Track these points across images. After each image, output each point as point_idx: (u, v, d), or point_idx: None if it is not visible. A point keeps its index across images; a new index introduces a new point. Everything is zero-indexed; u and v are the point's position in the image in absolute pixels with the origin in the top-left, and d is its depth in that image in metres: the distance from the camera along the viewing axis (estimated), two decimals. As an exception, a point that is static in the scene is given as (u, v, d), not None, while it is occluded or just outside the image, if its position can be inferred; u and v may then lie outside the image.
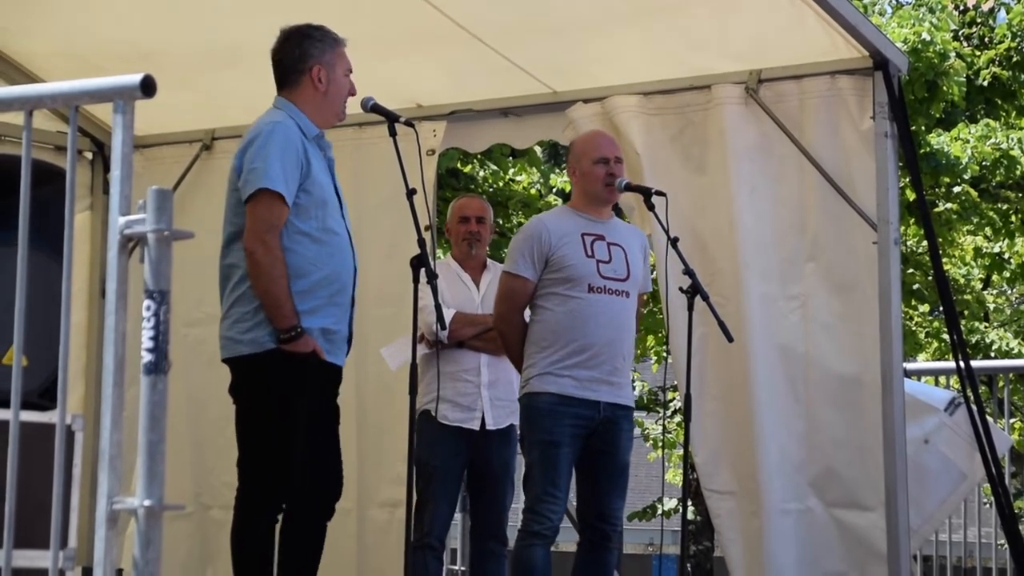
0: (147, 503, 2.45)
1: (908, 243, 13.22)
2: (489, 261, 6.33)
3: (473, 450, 6.05)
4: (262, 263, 4.69)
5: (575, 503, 5.60)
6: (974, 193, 13.08)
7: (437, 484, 5.97)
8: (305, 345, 4.73)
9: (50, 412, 3.30)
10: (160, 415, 2.47)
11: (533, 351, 5.44)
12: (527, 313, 5.56)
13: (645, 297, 5.80)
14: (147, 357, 2.48)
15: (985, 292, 15.32)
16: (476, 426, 6.04)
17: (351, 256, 4.93)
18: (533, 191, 13.22)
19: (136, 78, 2.57)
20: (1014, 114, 13.74)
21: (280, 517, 4.87)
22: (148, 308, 2.49)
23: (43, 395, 3.56)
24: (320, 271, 4.80)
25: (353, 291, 4.95)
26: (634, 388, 15.33)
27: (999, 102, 13.67)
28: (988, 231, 13.73)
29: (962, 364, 6.14)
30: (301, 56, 4.93)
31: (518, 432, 6.14)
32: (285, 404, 4.77)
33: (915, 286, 13.26)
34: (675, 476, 16.71)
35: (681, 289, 5.59)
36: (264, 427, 4.78)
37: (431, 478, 5.96)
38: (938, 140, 12.60)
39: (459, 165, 12.12)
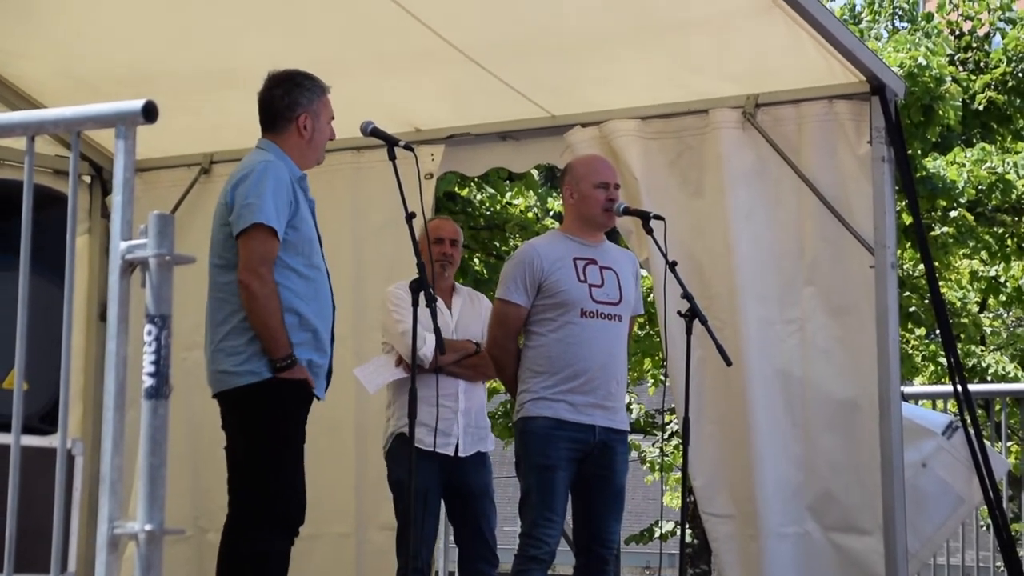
0: (148, 527, 2.45)
1: (905, 267, 13.25)
2: (457, 284, 6.30)
3: (448, 475, 6.01)
4: (259, 295, 4.77)
5: (572, 526, 5.60)
6: (970, 217, 13.10)
7: (421, 508, 5.94)
8: (300, 372, 4.82)
9: (50, 436, 3.30)
10: (161, 439, 2.47)
11: (527, 376, 5.44)
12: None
13: (639, 320, 5.81)
14: (148, 381, 2.48)
15: (981, 316, 15.33)
16: (451, 452, 6.00)
17: (331, 293, 5.03)
18: (530, 214, 13.24)
19: (138, 104, 2.58)
20: (1010, 138, 13.78)
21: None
22: (149, 333, 2.49)
23: (43, 419, 3.56)
24: (307, 306, 4.89)
25: (332, 327, 5.03)
26: (631, 411, 15.36)
27: (995, 126, 13.71)
28: (984, 255, 13.75)
29: (959, 388, 6.14)
30: (290, 104, 5.01)
31: (488, 456, 6.14)
32: (284, 430, 4.86)
33: (912, 309, 13.27)
34: (673, 499, 16.69)
35: (679, 313, 5.59)
36: (268, 455, 4.83)
37: (415, 502, 5.93)
38: (934, 164, 12.63)
39: (456, 189, 12.13)
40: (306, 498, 5.02)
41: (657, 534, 15.52)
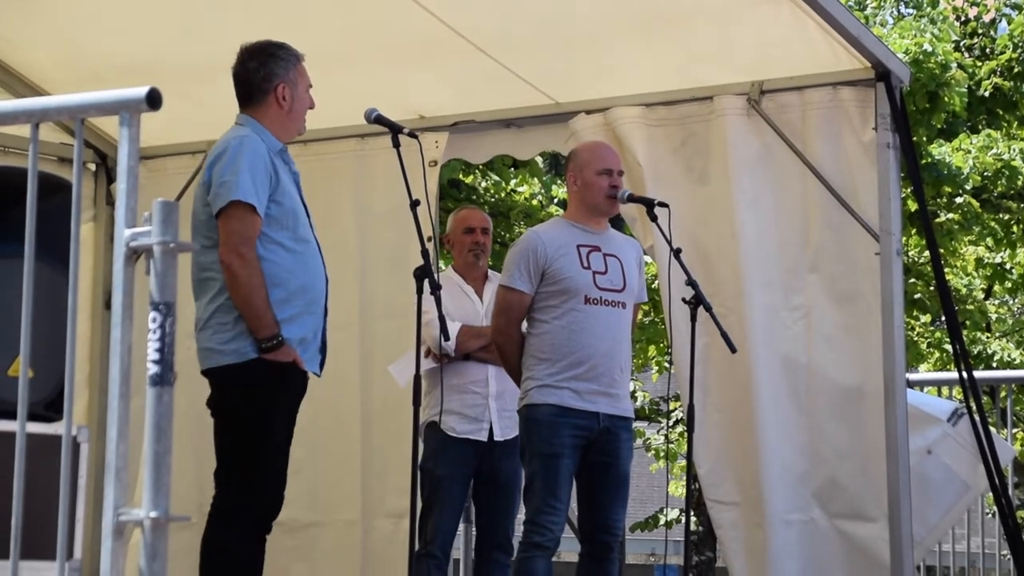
0: (153, 514, 2.46)
1: (910, 253, 13.23)
2: (490, 272, 6.33)
3: (481, 461, 6.05)
4: (240, 275, 4.71)
5: (576, 514, 5.60)
6: (976, 203, 13.08)
7: (442, 494, 5.97)
8: (286, 354, 4.74)
9: (55, 424, 3.31)
10: (166, 426, 2.48)
11: (531, 363, 5.44)
12: (524, 325, 5.56)
13: (644, 307, 5.80)
14: (153, 369, 2.49)
15: (987, 302, 15.31)
16: (484, 437, 6.04)
17: (323, 266, 4.95)
18: (535, 202, 13.23)
19: (142, 91, 2.58)
20: (1015, 124, 13.75)
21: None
22: (154, 320, 2.49)
23: (48, 406, 3.56)
24: (296, 280, 4.83)
25: (326, 301, 4.96)
26: (635, 399, 15.35)
27: (1000, 112, 13.67)
28: (990, 241, 13.73)
29: (965, 374, 6.14)
30: (266, 76, 4.96)
31: None
32: (267, 414, 4.78)
33: (917, 296, 13.26)
34: (677, 487, 16.70)
35: (684, 300, 5.59)
36: (248, 437, 4.78)
37: (436, 488, 5.96)
38: (940, 151, 12.61)
39: (461, 176, 12.13)
40: (283, 489, 4.90)
41: (662, 521, 15.52)
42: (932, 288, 12.92)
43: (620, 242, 5.63)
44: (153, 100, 2.58)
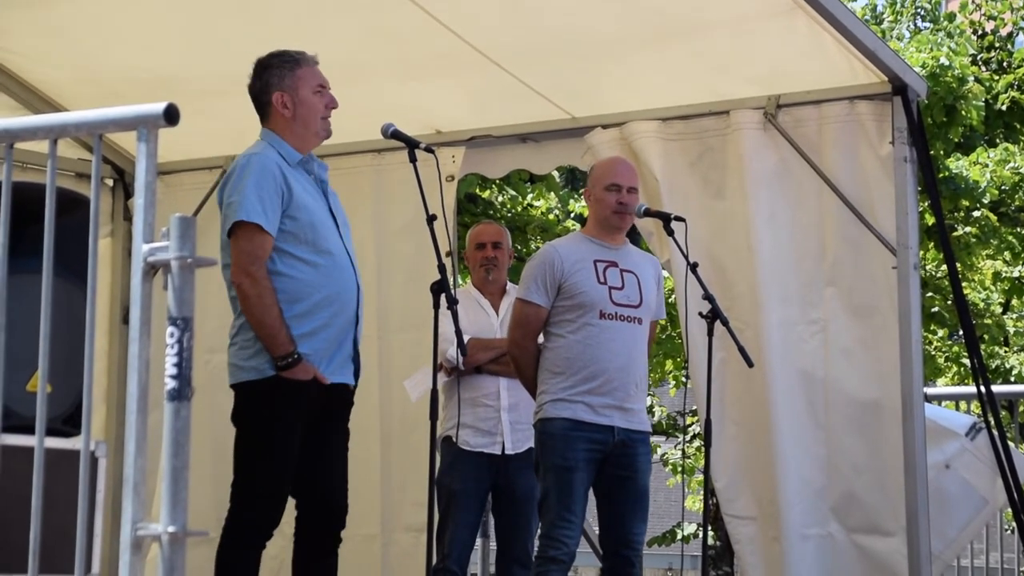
0: (171, 529, 2.46)
1: (927, 267, 13.21)
2: (509, 285, 6.33)
3: (496, 475, 6.05)
4: (250, 294, 4.71)
5: (596, 530, 5.59)
6: (993, 217, 13.06)
7: (458, 509, 5.97)
8: (304, 372, 4.73)
9: (74, 439, 3.31)
10: (184, 441, 2.48)
11: (546, 377, 5.44)
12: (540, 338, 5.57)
13: (661, 322, 5.79)
14: (170, 384, 2.49)
15: (1005, 316, 15.28)
16: (498, 451, 6.04)
17: (351, 275, 4.92)
18: (551, 216, 13.24)
19: (160, 107, 2.59)
20: (1033, 138, 13.73)
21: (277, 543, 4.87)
22: (172, 335, 2.50)
23: (67, 421, 3.57)
24: (319, 293, 4.81)
25: (358, 310, 4.94)
26: (652, 413, 15.33)
27: (1018, 126, 13.67)
28: (1007, 255, 13.71)
29: (983, 389, 6.12)
30: (263, 88, 4.98)
31: None
32: (283, 431, 4.77)
33: (934, 310, 13.24)
34: (695, 501, 16.66)
35: (701, 314, 5.59)
36: (261, 454, 4.79)
37: (452, 502, 5.97)
38: (957, 164, 12.59)
39: (477, 191, 12.14)
40: (340, 504, 4.92)
41: (679, 536, 15.49)
42: (949, 302, 12.90)
43: (638, 258, 5.63)
44: (171, 116, 2.58)
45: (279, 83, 4.94)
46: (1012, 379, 13.66)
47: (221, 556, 4.82)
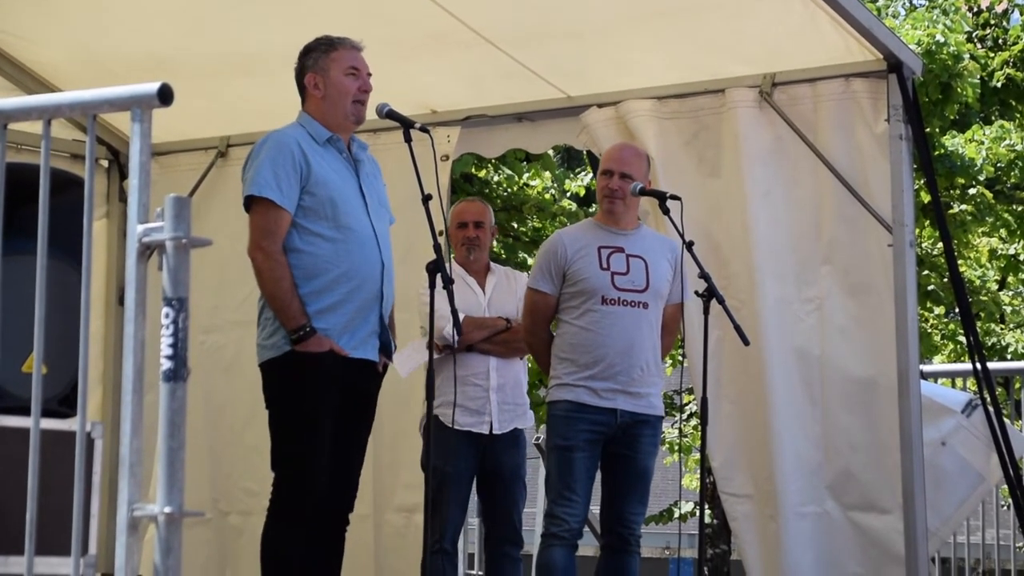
0: (167, 510, 2.46)
1: (923, 245, 13.20)
2: (493, 264, 6.31)
3: (484, 455, 6.05)
4: (263, 269, 4.82)
5: (595, 511, 5.63)
6: (989, 194, 13.05)
7: (449, 489, 5.97)
8: (319, 344, 4.79)
9: (69, 420, 3.31)
10: (180, 422, 2.48)
11: (554, 363, 5.55)
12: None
13: (680, 305, 5.77)
14: (166, 364, 2.49)
15: (1001, 294, 15.28)
16: (486, 430, 6.03)
17: (375, 251, 4.98)
18: (547, 196, 13.23)
19: (153, 87, 2.58)
20: (1029, 115, 13.71)
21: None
22: (167, 316, 2.50)
23: (63, 403, 3.57)
24: (337, 268, 4.87)
25: (382, 285, 4.99)
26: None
27: (1013, 103, 13.64)
28: (1003, 232, 13.70)
29: (979, 366, 6.13)
30: (299, 71, 5.12)
31: (524, 435, 6.19)
32: (305, 406, 4.83)
33: (930, 288, 13.23)
34: (691, 480, 16.68)
35: (697, 293, 5.60)
36: (288, 430, 4.84)
37: (443, 483, 5.96)
38: (952, 142, 12.58)
39: (473, 170, 12.12)
40: (351, 486, 4.98)
41: (676, 514, 15.50)
42: (945, 279, 12.90)
43: (652, 242, 5.66)
44: (165, 96, 2.58)
45: (313, 65, 5.07)
46: (1008, 356, 13.67)
47: (267, 533, 4.86)
